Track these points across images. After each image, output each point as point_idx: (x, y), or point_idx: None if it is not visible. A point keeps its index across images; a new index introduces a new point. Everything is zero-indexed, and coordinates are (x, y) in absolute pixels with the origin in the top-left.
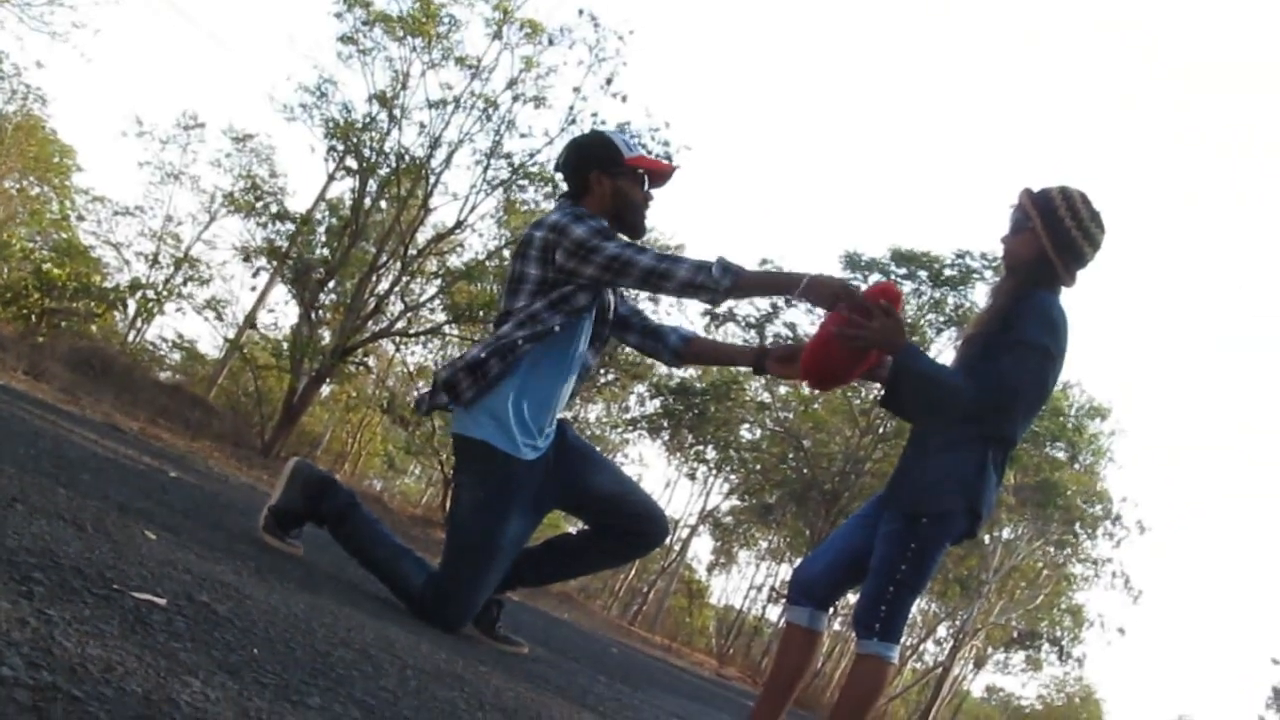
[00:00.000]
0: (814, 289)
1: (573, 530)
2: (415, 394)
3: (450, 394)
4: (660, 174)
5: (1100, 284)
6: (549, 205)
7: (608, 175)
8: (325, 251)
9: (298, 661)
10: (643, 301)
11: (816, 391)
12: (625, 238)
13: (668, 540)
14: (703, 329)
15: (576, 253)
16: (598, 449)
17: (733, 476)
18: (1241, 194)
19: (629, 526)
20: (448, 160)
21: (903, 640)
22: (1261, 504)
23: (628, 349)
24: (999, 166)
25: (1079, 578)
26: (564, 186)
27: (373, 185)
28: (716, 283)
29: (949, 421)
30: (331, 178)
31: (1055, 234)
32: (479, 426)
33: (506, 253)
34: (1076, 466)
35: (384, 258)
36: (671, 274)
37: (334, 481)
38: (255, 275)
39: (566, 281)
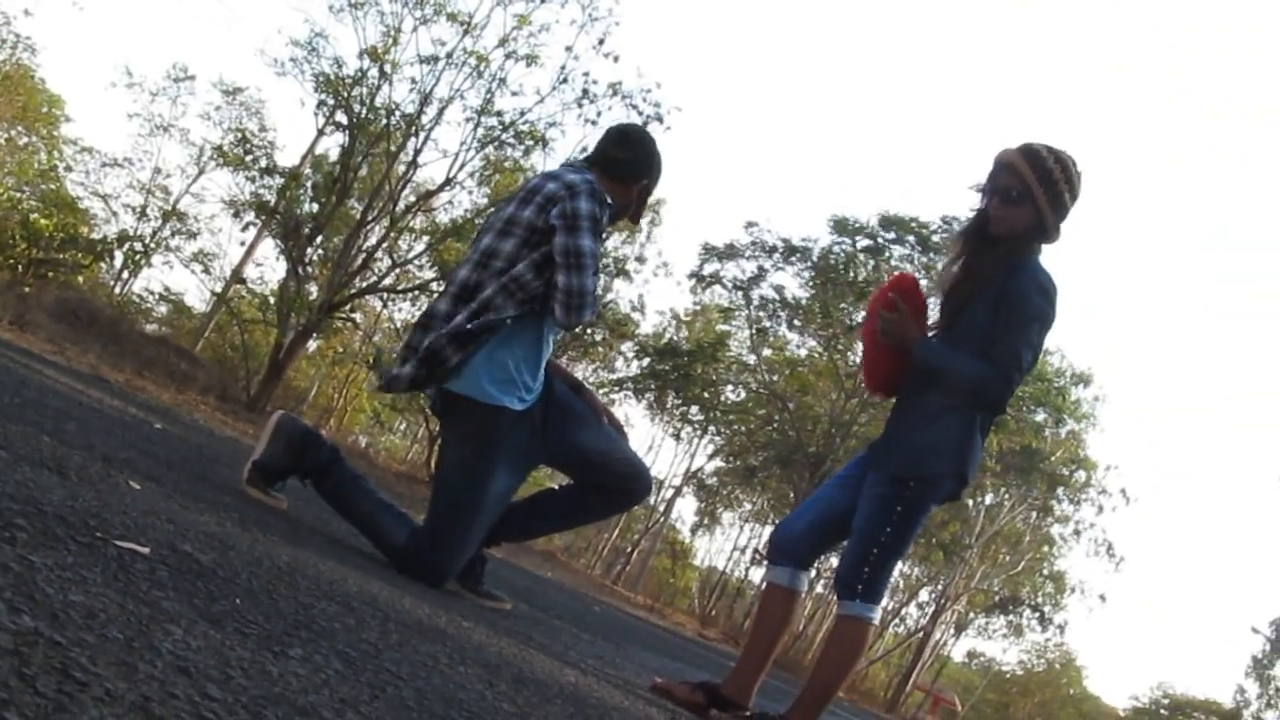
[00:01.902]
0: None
1: (557, 486)
2: (387, 373)
3: (437, 364)
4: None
5: (1081, 248)
6: (538, 164)
7: (639, 188)
8: (313, 207)
9: (280, 613)
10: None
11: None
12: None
13: (652, 500)
14: (689, 290)
15: (566, 221)
16: (584, 404)
17: (717, 438)
18: (1224, 155)
19: (614, 483)
20: (438, 117)
21: (884, 603)
22: (1245, 470)
23: (611, 305)
24: (986, 131)
25: (1060, 539)
26: (571, 151)
27: (362, 141)
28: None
29: (950, 395)
30: (321, 132)
31: (1052, 196)
32: (463, 382)
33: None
34: (1060, 431)
35: (372, 214)
36: (585, 307)
37: (318, 436)
38: (245, 230)
39: (546, 241)
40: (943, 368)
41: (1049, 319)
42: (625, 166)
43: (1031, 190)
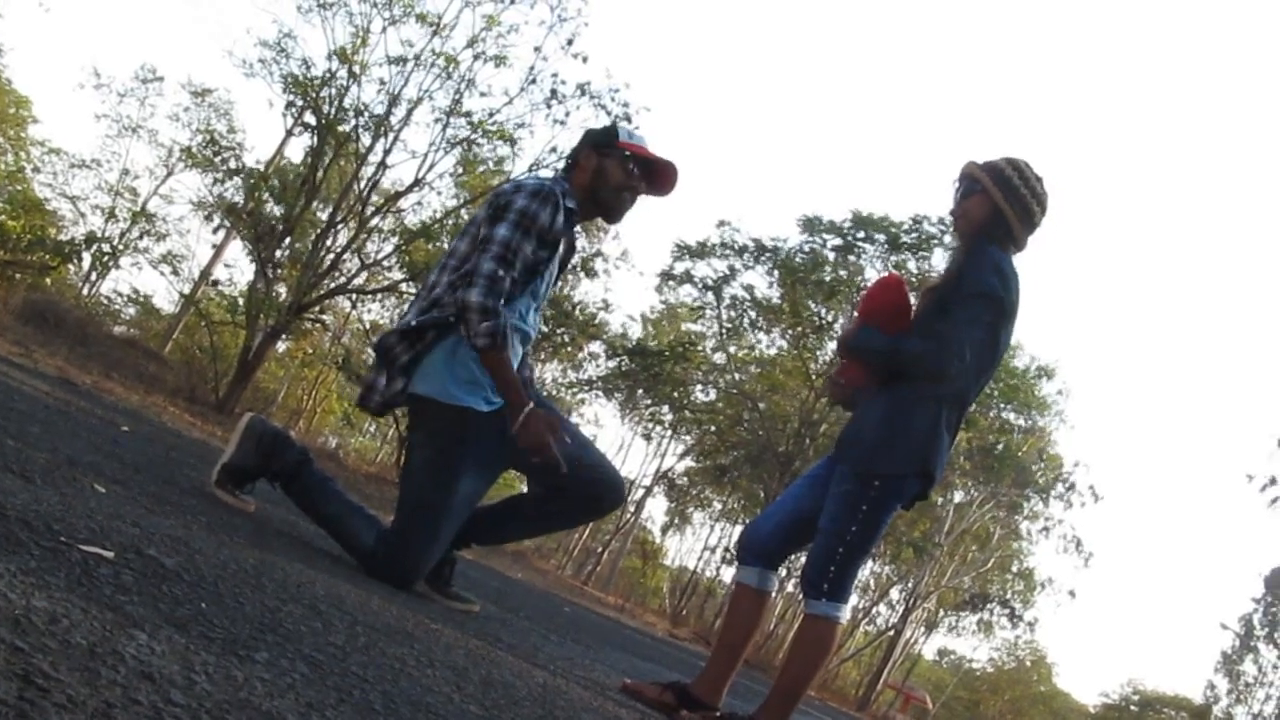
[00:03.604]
0: (525, 424)
1: (527, 490)
2: (367, 381)
3: (387, 361)
4: (650, 165)
5: (1046, 240)
6: (508, 165)
7: (597, 153)
8: (280, 209)
9: (246, 616)
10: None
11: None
12: (512, 271)
13: None
14: (656, 289)
15: (494, 212)
16: (556, 407)
17: (688, 438)
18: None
19: (585, 490)
20: (407, 117)
21: (855, 602)
22: (1214, 466)
23: (581, 306)
24: (958, 134)
25: (1029, 536)
26: (525, 151)
27: (331, 142)
28: (485, 339)
29: (909, 383)
30: (290, 133)
31: (1006, 190)
32: (426, 383)
33: (465, 213)
34: (1026, 423)
35: (341, 214)
36: (471, 305)
37: (288, 438)
38: (216, 231)
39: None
40: (879, 350)
41: (1004, 301)
42: (573, 151)
43: (983, 184)
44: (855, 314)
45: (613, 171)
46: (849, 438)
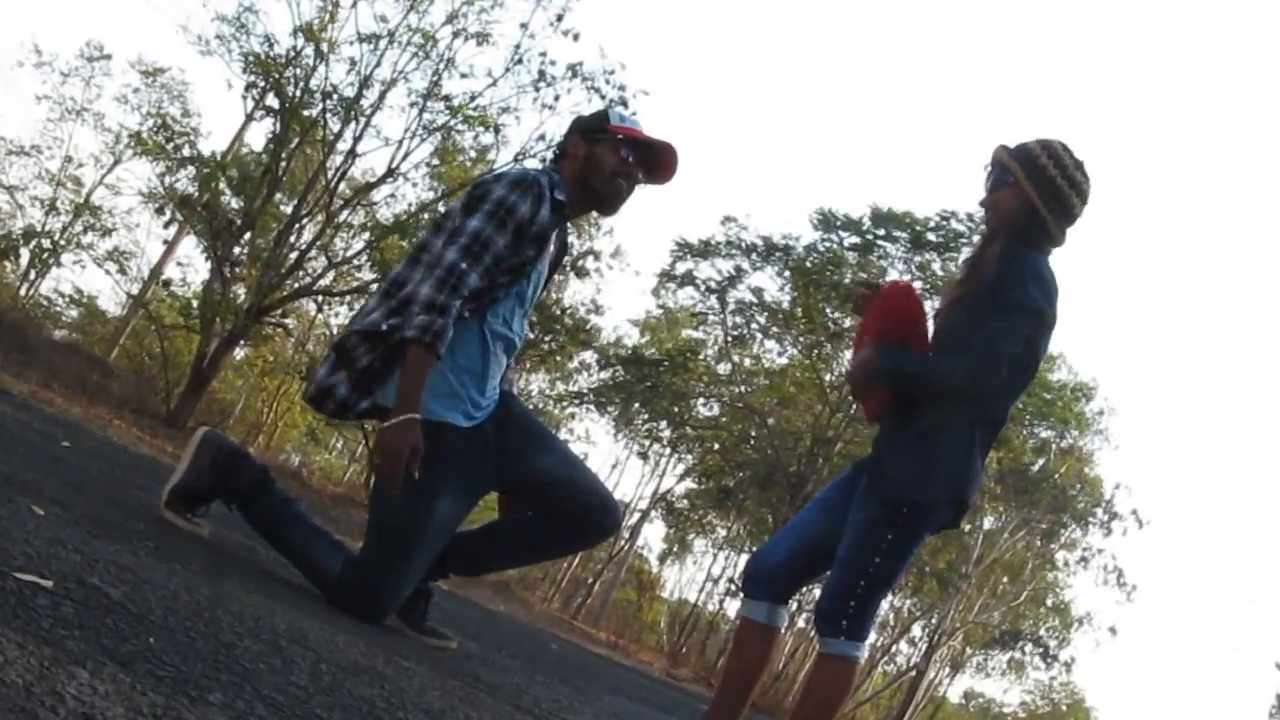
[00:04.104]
0: (394, 429)
1: (511, 515)
2: (326, 394)
3: (346, 362)
4: (647, 149)
5: (1083, 246)
6: (491, 154)
7: (586, 140)
8: (239, 201)
9: (199, 653)
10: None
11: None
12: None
13: None
14: (653, 292)
15: (472, 203)
16: (544, 424)
17: (688, 456)
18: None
19: (576, 514)
20: (379, 101)
21: (873, 639)
22: (1271, 493)
23: (571, 310)
24: (992, 117)
25: (1065, 565)
26: (510, 139)
27: (296, 127)
28: (416, 330)
29: (942, 405)
30: (250, 118)
31: (1040, 184)
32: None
33: (443, 207)
34: (1063, 441)
35: (306, 208)
36: (418, 297)
37: (246, 455)
38: (167, 226)
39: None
40: (906, 372)
41: (1045, 314)
42: (570, 126)
43: (1014, 174)
44: (863, 332)
45: (605, 158)
46: (872, 464)
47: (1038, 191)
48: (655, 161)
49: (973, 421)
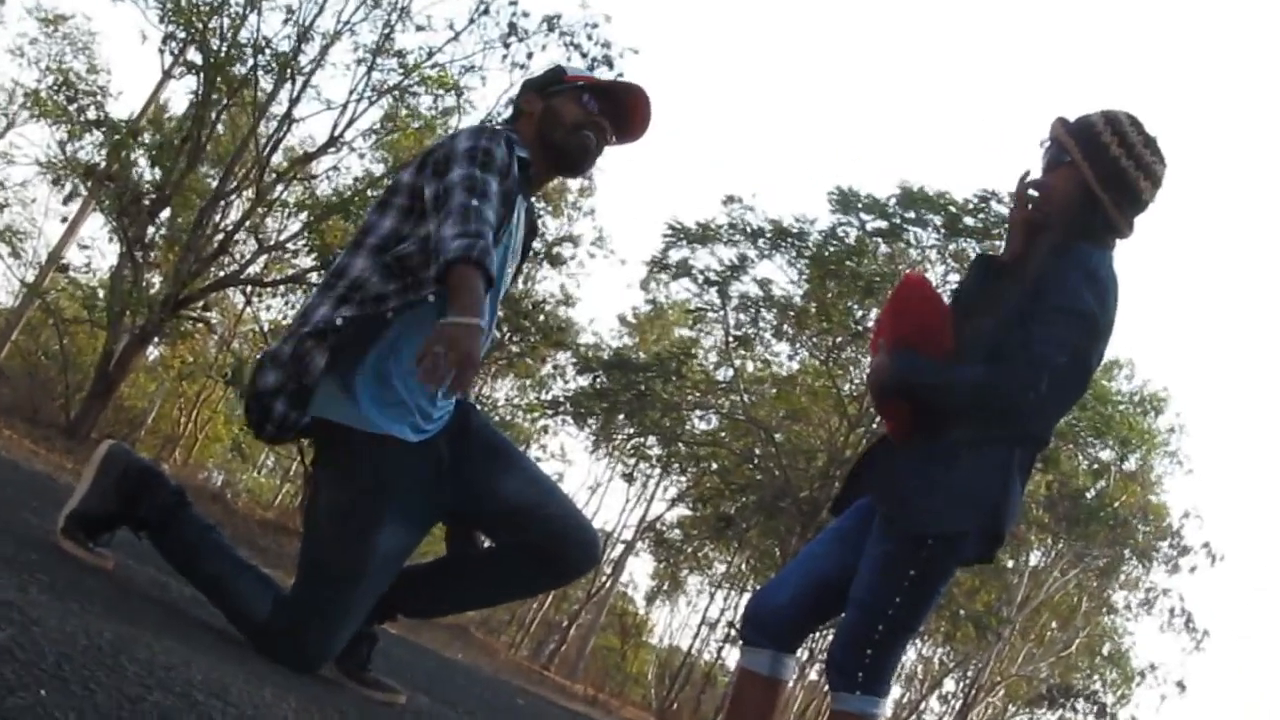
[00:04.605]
0: (456, 327)
1: (464, 547)
2: (267, 416)
3: (301, 372)
4: (612, 96)
5: (1156, 235)
6: (452, 121)
7: (541, 96)
8: (156, 172)
9: (98, 707)
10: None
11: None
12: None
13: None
14: (640, 285)
15: (438, 166)
16: (509, 440)
17: (681, 478)
18: None
19: (547, 547)
20: (320, 57)
21: (895, 694)
22: None
23: (543, 304)
24: (1040, 88)
25: (1125, 608)
26: (475, 104)
27: (222, 87)
28: (458, 249)
29: (973, 421)
30: (168, 75)
31: (1100, 166)
32: (336, 404)
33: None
34: (1122, 462)
35: (233, 181)
36: (444, 236)
37: (159, 474)
38: (66, 202)
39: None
40: (931, 383)
41: (1096, 319)
42: (521, 87)
43: (1071, 153)
44: (878, 335)
45: (566, 109)
46: (891, 488)
47: (1098, 174)
48: (623, 110)
49: (1011, 440)
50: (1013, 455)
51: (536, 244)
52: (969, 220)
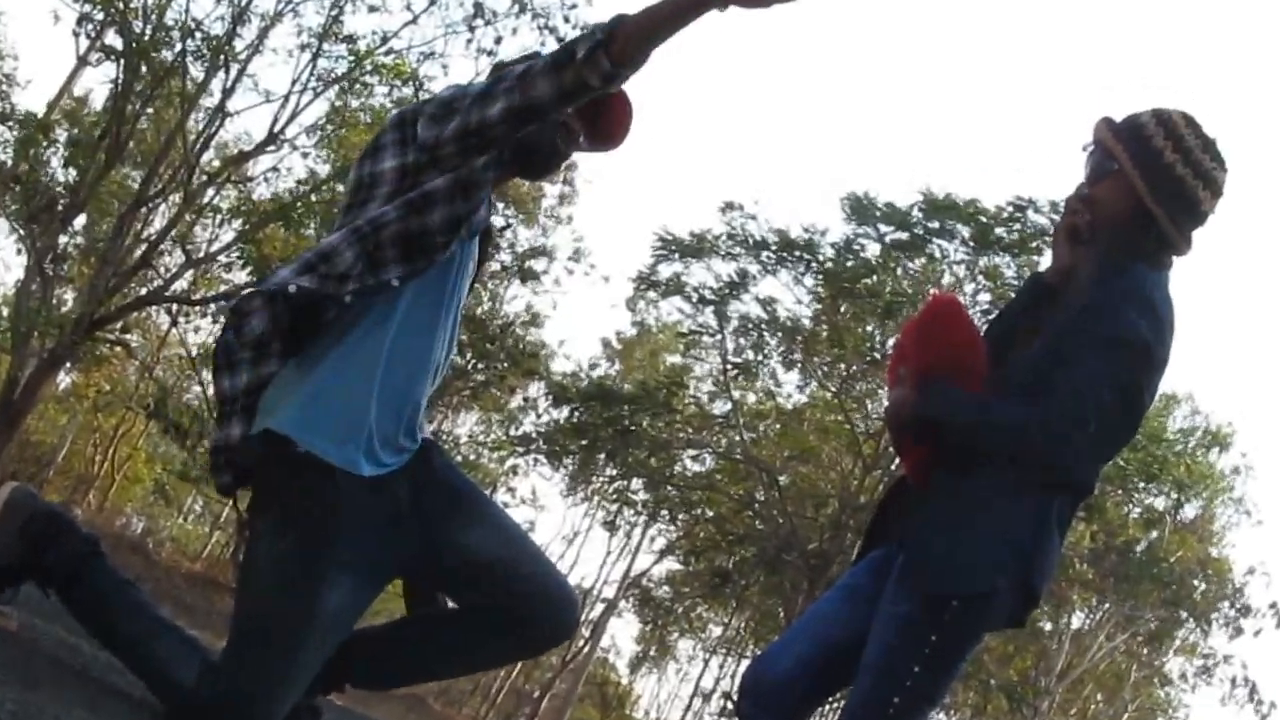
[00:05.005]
0: None
1: (421, 608)
2: (220, 440)
3: (242, 335)
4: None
5: (1217, 252)
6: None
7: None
8: (70, 173)
9: None
10: None
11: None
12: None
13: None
14: (625, 305)
15: (439, 113)
16: (475, 484)
17: (671, 527)
18: None
19: (518, 611)
20: (259, 42)
21: None
22: None
23: (511, 328)
24: (1081, 82)
25: (1181, 677)
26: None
27: (145, 77)
28: (591, 46)
29: (1006, 464)
30: (84, 62)
31: (1153, 174)
32: (278, 416)
33: (342, 185)
34: (1177, 509)
35: (158, 184)
36: (534, 70)
37: (69, 521)
38: None
39: (428, 167)
40: (960, 422)
41: (1150, 350)
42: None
43: (1119, 160)
44: (897, 363)
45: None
46: (910, 542)
47: (1150, 183)
48: (600, 113)
49: (1049, 487)
50: (1051, 504)
51: (505, 256)
52: (1001, 231)
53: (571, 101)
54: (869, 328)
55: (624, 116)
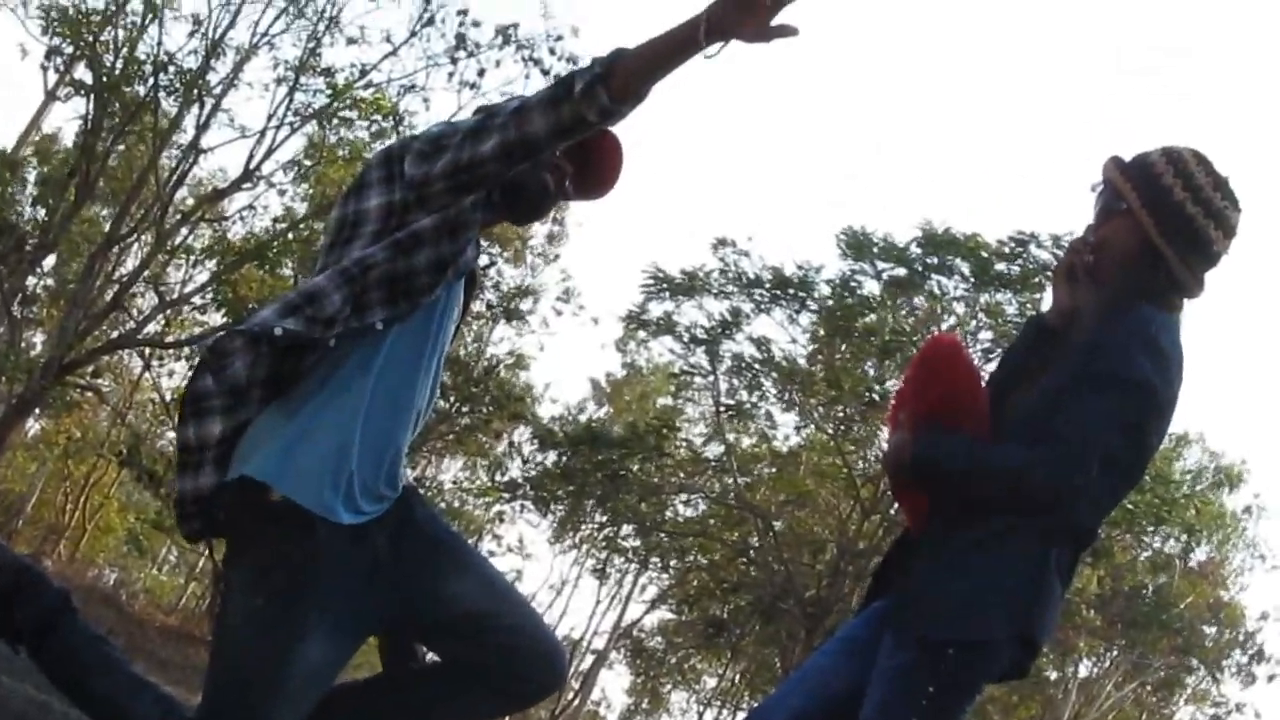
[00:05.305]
0: (723, 12)
1: (401, 664)
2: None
3: (215, 361)
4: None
5: (1232, 287)
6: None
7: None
8: (40, 212)
9: None
10: None
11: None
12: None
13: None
14: (615, 346)
15: (428, 150)
16: (458, 533)
17: (663, 575)
18: None
19: (504, 665)
20: (234, 76)
21: None
22: None
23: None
24: (1085, 120)
25: None
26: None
27: (116, 111)
28: (589, 80)
29: (1006, 510)
30: (52, 97)
31: (1163, 214)
32: (256, 463)
33: (320, 224)
34: (1195, 557)
35: (130, 223)
36: (529, 105)
37: (38, 573)
38: None
39: (416, 206)
40: (957, 467)
41: (1156, 393)
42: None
43: (1128, 200)
44: (898, 408)
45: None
46: (907, 590)
47: (1160, 224)
48: (589, 157)
49: (1048, 532)
50: (1050, 551)
51: (491, 296)
52: (1002, 267)
53: (567, 138)
54: (867, 368)
55: (615, 162)
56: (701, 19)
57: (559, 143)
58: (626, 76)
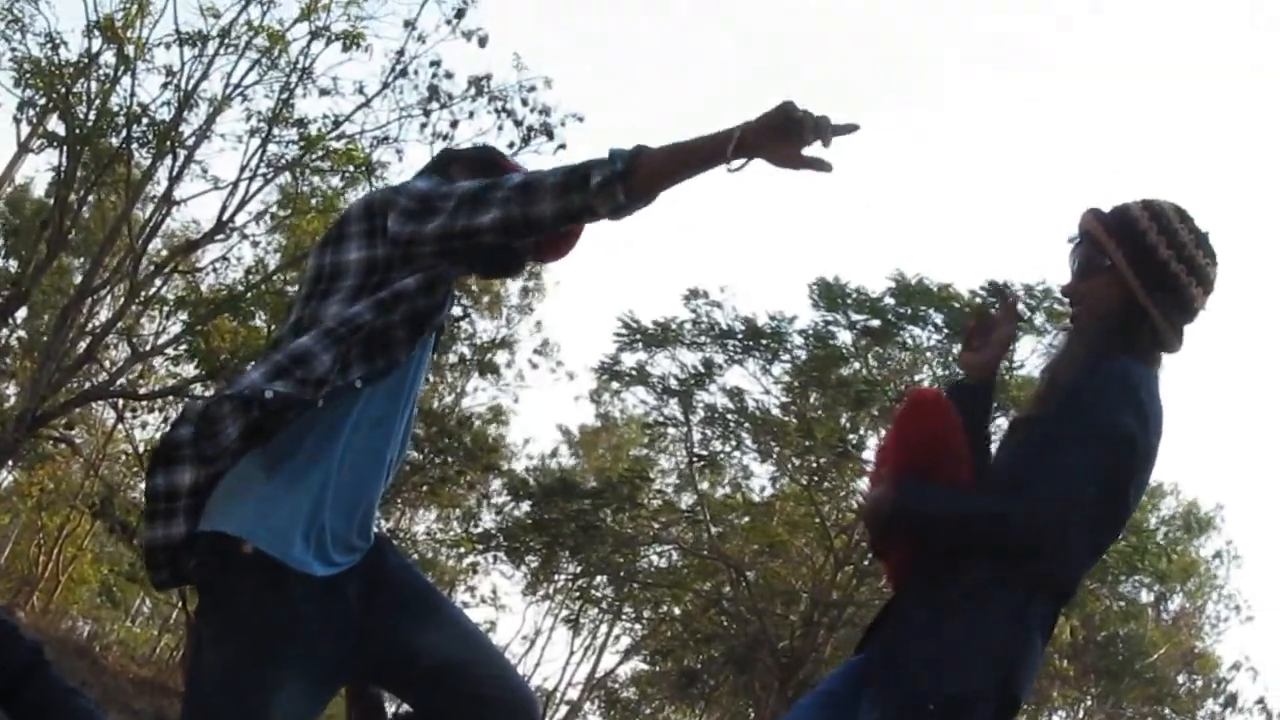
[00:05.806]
0: (756, 135)
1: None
2: (149, 539)
3: (208, 438)
4: None
5: (1204, 338)
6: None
7: (470, 171)
8: (12, 264)
9: None
10: None
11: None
12: None
13: None
14: (589, 397)
15: (416, 209)
16: (431, 583)
17: (637, 625)
18: None
19: (477, 715)
20: (207, 127)
21: None
22: None
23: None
24: (1062, 167)
25: None
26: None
27: (90, 163)
28: (607, 176)
29: (985, 561)
30: (25, 149)
31: (1147, 271)
32: (229, 516)
33: (294, 273)
34: (1166, 616)
35: (103, 275)
36: (538, 185)
37: (11, 626)
38: None
39: (400, 263)
40: (938, 515)
41: (1135, 443)
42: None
43: (1109, 255)
44: (881, 463)
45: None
46: (884, 642)
47: (1144, 281)
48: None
49: (1028, 585)
50: (1030, 605)
51: (465, 349)
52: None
53: (571, 224)
54: (840, 419)
55: (578, 229)
56: (734, 135)
57: (561, 227)
58: (647, 177)
